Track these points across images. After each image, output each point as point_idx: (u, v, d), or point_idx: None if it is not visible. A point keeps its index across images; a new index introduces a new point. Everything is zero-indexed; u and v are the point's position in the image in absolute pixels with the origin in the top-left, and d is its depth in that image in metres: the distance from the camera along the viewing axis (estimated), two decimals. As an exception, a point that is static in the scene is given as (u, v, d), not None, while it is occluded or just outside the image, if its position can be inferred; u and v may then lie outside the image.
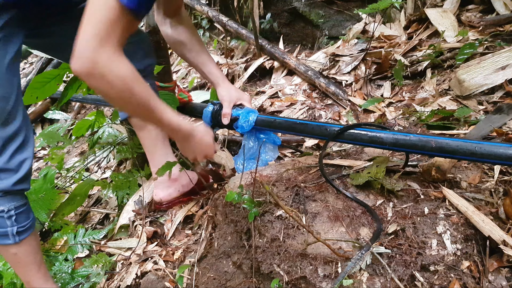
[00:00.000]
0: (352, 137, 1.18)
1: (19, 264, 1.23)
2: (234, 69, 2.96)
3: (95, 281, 1.47)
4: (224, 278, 1.19)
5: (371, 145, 1.16)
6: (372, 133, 1.13)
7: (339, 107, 2.14)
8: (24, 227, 1.19)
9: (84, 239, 1.69)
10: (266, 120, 1.40)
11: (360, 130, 1.17)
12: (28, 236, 1.20)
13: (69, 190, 2.13)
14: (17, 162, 1.13)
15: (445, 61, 1.95)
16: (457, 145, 0.98)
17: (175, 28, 1.46)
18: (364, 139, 1.15)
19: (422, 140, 1.04)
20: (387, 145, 1.10)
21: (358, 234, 1.00)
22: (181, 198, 1.66)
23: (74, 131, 1.97)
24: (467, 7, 2.27)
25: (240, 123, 1.41)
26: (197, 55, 1.49)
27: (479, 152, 0.95)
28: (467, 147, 0.97)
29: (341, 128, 1.19)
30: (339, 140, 1.23)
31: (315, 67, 2.45)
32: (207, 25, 3.56)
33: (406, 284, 0.88)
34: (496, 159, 0.93)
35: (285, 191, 1.19)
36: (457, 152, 0.98)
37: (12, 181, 1.13)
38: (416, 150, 1.07)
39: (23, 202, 1.19)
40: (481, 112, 1.59)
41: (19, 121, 1.13)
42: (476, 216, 0.98)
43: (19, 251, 1.19)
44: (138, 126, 1.54)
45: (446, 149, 1.00)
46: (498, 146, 0.93)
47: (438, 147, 1.01)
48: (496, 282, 0.90)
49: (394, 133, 1.10)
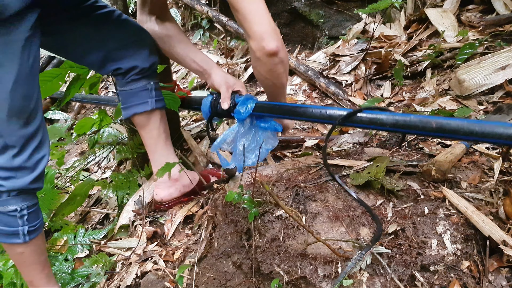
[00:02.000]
0: (353, 120, 1.16)
1: (24, 264, 1.22)
2: (234, 69, 2.96)
3: (95, 281, 1.47)
4: (224, 278, 1.19)
5: (372, 127, 1.14)
6: (372, 115, 1.11)
7: (339, 107, 2.14)
8: (35, 227, 1.18)
9: (84, 239, 1.68)
10: (265, 105, 1.36)
11: (361, 113, 1.15)
12: (37, 236, 1.20)
13: (69, 190, 2.13)
14: (35, 160, 1.14)
15: (445, 61, 1.95)
16: (458, 124, 0.96)
17: (162, 24, 1.49)
18: (364, 121, 1.13)
19: (422, 121, 1.02)
20: (387, 126, 1.08)
21: (358, 234, 1.00)
22: (182, 198, 1.66)
23: (76, 128, 1.96)
24: (467, 7, 2.28)
25: (238, 109, 1.37)
26: (186, 47, 1.52)
27: (480, 131, 0.93)
28: (468, 126, 0.95)
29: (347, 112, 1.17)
30: (340, 123, 1.21)
31: (315, 67, 2.45)
32: (207, 25, 3.56)
33: (406, 284, 0.88)
34: (496, 138, 0.92)
35: (285, 191, 1.19)
36: (457, 132, 0.96)
37: (29, 180, 1.13)
38: (417, 131, 1.05)
39: (35, 201, 1.19)
40: (481, 112, 1.59)
41: (39, 120, 1.14)
42: (476, 216, 0.98)
43: (26, 251, 1.19)
44: (140, 125, 1.54)
45: (447, 129, 0.98)
46: (499, 125, 0.91)
47: (439, 127, 0.99)
48: (496, 282, 0.90)
49: (394, 114, 1.08)
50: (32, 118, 1.11)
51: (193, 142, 2.09)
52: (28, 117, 1.10)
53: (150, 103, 1.49)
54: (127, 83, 1.48)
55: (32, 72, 1.09)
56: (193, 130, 2.30)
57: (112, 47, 1.42)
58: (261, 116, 1.41)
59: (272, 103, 1.37)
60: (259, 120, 1.43)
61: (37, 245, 1.21)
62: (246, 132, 1.45)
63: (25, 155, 1.11)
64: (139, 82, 1.48)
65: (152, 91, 1.49)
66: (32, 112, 1.11)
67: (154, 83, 1.51)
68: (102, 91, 3.74)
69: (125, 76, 1.47)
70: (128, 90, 1.49)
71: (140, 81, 1.48)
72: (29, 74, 1.08)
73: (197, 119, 2.56)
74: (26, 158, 1.11)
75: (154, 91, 1.50)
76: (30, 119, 1.11)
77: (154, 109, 1.50)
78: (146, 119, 1.51)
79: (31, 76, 1.09)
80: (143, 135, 1.56)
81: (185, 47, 1.52)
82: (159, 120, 1.53)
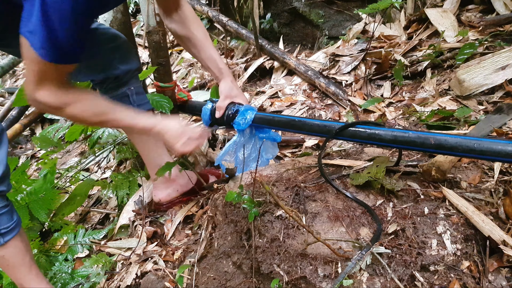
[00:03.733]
0: (351, 134, 1.17)
1: (8, 267, 1.22)
2: (234, 69, 2.96)
3: (95, 281, 1.47)
4: (224, 278, 1.19)
5: (370, 142, 1.15)
6: (371, 130, 1.12)
7: (339, 107, 2.14)
8: (8, 229, 1.18)
9: (84, 239, 1.68)
10: (264, 117, 1.38)
11: (359, 128, 1.16)
12: (14, 238, 1.20)
13: (69, 190, 2.13)
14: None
15: (445, 61, 1.95)
16: (456, 142, 0.97)
17: (178, 24, 1.45)
18: (363, 136, 1.14)
19: (421, 137, 1.03)
20: (386, 142, 1.09)
21: (358, 234, 1.00)
22: (181, 198, 1.66)
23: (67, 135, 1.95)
24: (467, 7, 2.28)
25: (237, 120, 1.39)
26: (201, 50, 1.47)
27: (478, 148, 0.94)
28: (466, 143, 0.95)
29: (341, 126, 1.18)
30: (338, 137, 1.22)
31: (315, 67, 2.45)
32: (207, 25, 3.56)
33: (406, 284, 0.88)
34: (494, 155, 0.92)
35: (285, 191, 1.19)
36: (455, 149, 0.97)
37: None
38: (415, 147, 1.06)
39: (4, 203, 1.19)
40: (481, 112, 1.59)
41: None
42: (476, 216, 0.97)
43: (5, 253, 1.19)
44: (128, 131, 1.54)
45: (445, 146, 0.99)
46: (497, 143, 0.92)
47: (437, 144, 1.00)
48: (496, 282, 0.90)
49: (393, 130, 1.09)
50: None
51: (193, 142, 2.08)
52: None
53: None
54: (106, 91, 1.47)
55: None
56: (193, 130, 2.30)
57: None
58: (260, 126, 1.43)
59: (271, 115, 1.39)
60: (258, 131, 1.45)
61: (16, 247, 1.21)
62: (246, 141, 1.46)
63: None
64: (118, 89, 1.47)
65: (133, 96, 1.48)
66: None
67: (135, 87, 1.49)
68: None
69: (102, 85, 1.46)
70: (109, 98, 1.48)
71: (119, 89, 1.47)
72: None
73: (197, 119, 2.56)
74: None
75: (135, 96, 1.49)
76: None
77: None
78: None
79: None
80: (132, 139, 1.56)
81: (200, 50, 1.48)
82: None
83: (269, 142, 1.48)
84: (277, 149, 1.51)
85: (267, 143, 1.49)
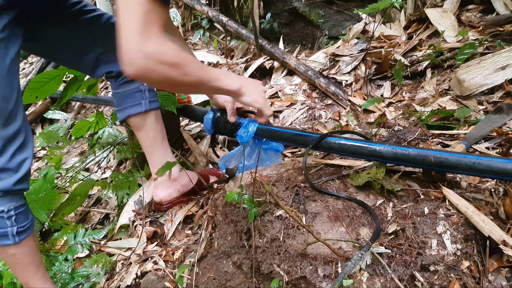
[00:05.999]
0: (352, 150, 1.20)
1: (17, 265, 1.23)
2: (234, 69, 2.96)
3: (95, 281, 1.47)
4: (224, 278, 1.19)
5: (371, 158, 1.18)
6: (372, 146, 1.15)
7: (339, 107, 2.14)
8: (24, 227, 1.19)
9: (84, 239, 1.69)
10: (266, 130, 1.41)
11: (360, 143, 1.18)
12: (28, 237, 1.21)
13: (69, 190, 2.13)
14: (18, 162, 1.14)
15: (445, 61, 1.95)
16: (456, 160, 1.00)
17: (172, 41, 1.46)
18: (364, 152, 1.17)
19: (421, 155, 1.06)
20: (386, 159, 1.13)
21: (358, 234, 1.01)
22: (181, 198, 1.66)
23: (74, 132, 1.97)
24: (467, 7, 2.27)
25: (240, 133, 1.42)
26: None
27: (478, 168, 0.97)
28: (465, 162, 0.99)
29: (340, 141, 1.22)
30: (338, 153, 1.27)
31: (315, 67, 2.45)
32: (207, 25, 3.56)
33: (406, 284, 0.88)
34: (494, 174, 0.96)
35: (285, 191, 1.19)
36: (455, 167, 1.01)
37: (13, 181, 1.13)
38: (415, 165, 1.09)
39: (23, 202, 1.20)
40: (481, 112, 1.59)
41: (19, 122, 1.14)
42: (476, 216, 0.98)
43: (18, 252, 1.20)
44: (136, 127, 1.54)
45: (445, 164, 1.02)
46: (496, 161, 0.95)
47: (437, 162, 1.03)
48: (496, 282, 0.90)
49: (393, 147, 1.12)
50: (12, 119, 1.11)
51: (193, 142, 2.09)
52: (6, 118, 1.10)
53: (144, 105, 1.49)
54: (120, 85, 1.48)
55: (9, 73, 1.09)
56: (193, 130, 2.30)
57: (102, 51, 1.42)
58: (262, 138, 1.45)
59: (273, 128, 1.41)
60: (261, 142, 1.47)
61: (29, 246, 1.22)
62: (250, 153, 1.49)
63: (6, 156, 1.11)
64: (132, 83, 1.48)
65: (145, 92, 1.49)
66: (12, 113, 1.11)
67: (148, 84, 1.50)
68: (102, 91, 3.74)
69: (117, 78, 1.47)
70: (122, 92, 1.49)
71: (133, 83, 1.48)
72: (6, 76, 1.08)
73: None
74: (8, 160, 1.12)
75: (147, 92, 1.50)
76: (10, 120, 1.11)
77: (149, 110, 1.50)
78: (142, 121, 1.51)
79: (8, 77, 1.09)
80: (139, 136, 1.56)
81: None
82: (155, 121, 1.53)
83: (272, 152, 1.52)
84: (280, 158, 1.54)
85: (270, 153, 1.52)
